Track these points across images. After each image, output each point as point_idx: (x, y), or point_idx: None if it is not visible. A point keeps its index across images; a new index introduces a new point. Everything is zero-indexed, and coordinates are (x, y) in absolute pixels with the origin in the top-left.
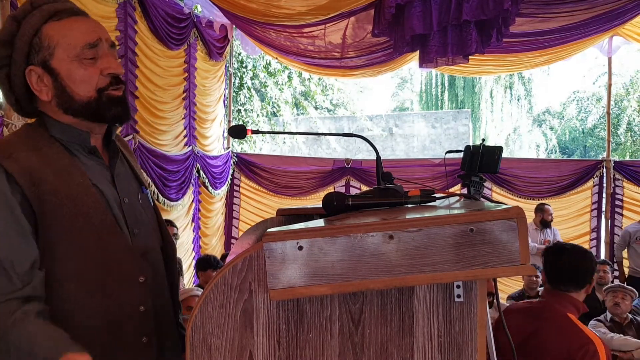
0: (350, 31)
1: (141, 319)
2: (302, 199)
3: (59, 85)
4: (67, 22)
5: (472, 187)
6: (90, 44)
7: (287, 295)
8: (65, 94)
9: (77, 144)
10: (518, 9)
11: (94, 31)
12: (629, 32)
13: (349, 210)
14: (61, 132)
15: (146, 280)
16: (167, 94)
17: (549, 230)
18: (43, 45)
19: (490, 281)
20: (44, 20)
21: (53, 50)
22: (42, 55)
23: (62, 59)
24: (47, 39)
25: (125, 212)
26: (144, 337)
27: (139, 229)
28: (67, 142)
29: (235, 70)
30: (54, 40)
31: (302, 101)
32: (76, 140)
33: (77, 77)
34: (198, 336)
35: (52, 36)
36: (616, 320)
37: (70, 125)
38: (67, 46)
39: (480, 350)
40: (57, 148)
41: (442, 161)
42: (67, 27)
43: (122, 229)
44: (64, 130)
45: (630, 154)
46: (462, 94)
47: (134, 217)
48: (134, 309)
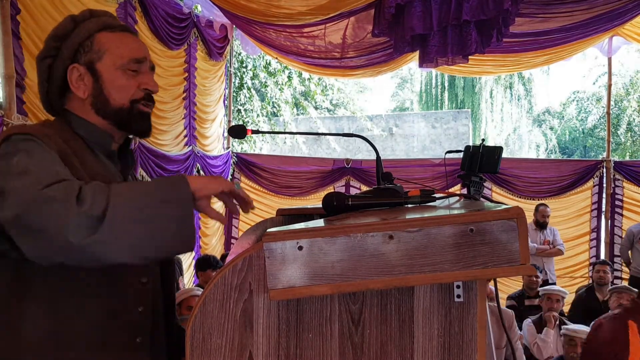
0: (350, 31)
1: (138, 320)
2: (302, 199)
3: (98, 87)
4: (120, 35)
5: (472, 187)
6: (136, 59)
7: (287, 295)
8: (102, 96)
9: (99, 144)
10: (518, 9)
11: (141, 49)
12: (629, 32)
13: (349, 210)
14: (86, 130)
15: (148, 280)
16: (167, 94)
17: (548, 230)
18: (93, 48)
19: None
20: (99, 28)
21: (102, 55)
22: (90, 56)
23: (108, 65)
24: (98, 44)
25: None
26: (138, 337)
27: None
28: (90, 141)
29: (236, 70)
30: (105, 46)
31: (302, 101)
32: (99, 140)
33: (117, 84)
34: (198, 336)
35: (104, 43)
36: None
37: (96, 126)
38: (116, 55)
39: (480, 350)
40: (82, 144)
41: (442, 161)
42: (119, 38)
43: None
44: (89, 129)
45: (630, 154)
46: (462, 94)
47: None
48: (133, 309)
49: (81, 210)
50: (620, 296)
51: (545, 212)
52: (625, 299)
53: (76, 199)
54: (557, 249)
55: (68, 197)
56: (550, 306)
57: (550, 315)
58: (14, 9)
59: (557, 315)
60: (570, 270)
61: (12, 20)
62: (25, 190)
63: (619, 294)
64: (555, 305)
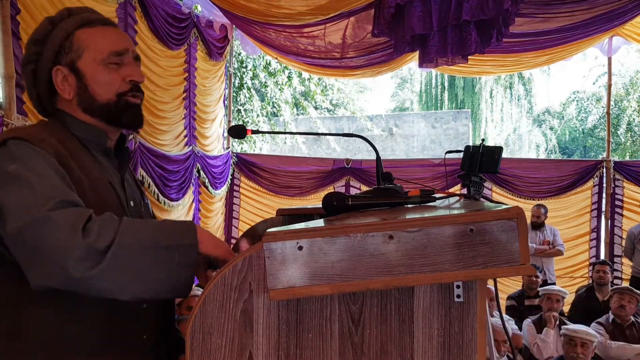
0: (350, 31)
1: (144, 317)
2: (302, 199)
3: (82, 85)
4: (98, 29)
5: (472, 187)
6: (116, 52)
7: (287, 295)
8: (87, 94)
9: (95, 142)
10: (518, 9)
11: (122, 41)
12: (629, 32)
13: (349, 210)
14: (81, 129)
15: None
16: (167, 94)
17: (547, 230)
18: (73, 47)
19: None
20: (78, 26)
21: (82, 52)
22: (71, 56)
23: (88, 62)
24: (77, 42)
25: (131, 214)
26: (144, 334)
27: None
28: (86, 140)
29: (235, 70)
30: (84, 43)
31: (302, 101)
32: (95, 139)
33: (101, 79)
34: (198, 336)
35: (83, 40)
36: (618, 321)
37: (90, 124)
38: (95, 50)
39: (480, 350)
40: (77, 144)
41: (442, 161)
42: (98, 33)
43: None
44: (83, 128)
45: (630, 154)
46: (462, 94)
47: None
48: (138, 306)
49: (85, 242)
50: (622, 297)
51: (536, 213)
52: (626, 300)
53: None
54: (556, 249)
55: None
56: (550, 306)
57: (550, 315)
58: (14, 9)
59: (557, 315)
60: (570, 270)
61: (12, 20)
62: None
63: (620, 294)
64: (555, 305)
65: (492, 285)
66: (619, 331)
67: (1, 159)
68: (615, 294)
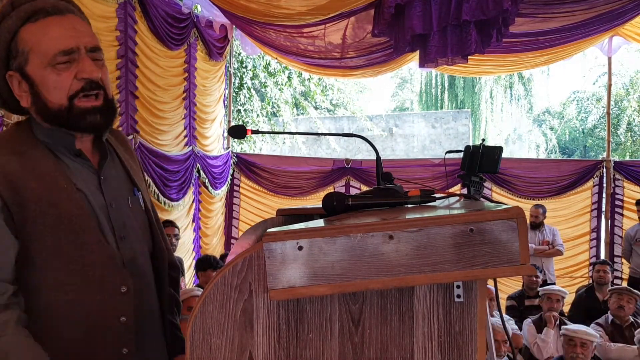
0: (350, 31)
1: (122, 330)
2: (302, 199)
3: (34, 92)
4: (42, 24)
5: (472, 187)
6: (63, 51)
7: (287, 295)
8: (40, 101)
9: (62, 147)
10: (518, 9)
11: (70, 37)
12: (629, 32)
13: (349, 210)
14: (46, 135)
15: (129, 290)
16: (167, 94)
17: (547, 230)
18: (19, 50)
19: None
20: (22, 22)
21: (27, 56)
22: (18, 61)
23: (35, 66)
24: (22, 43)
25: (112, 217)
26: (124, 348)
27: (127, 234)
28: (52, 145)
29: (235, 70)
30: (28, 45)
31: (302, 101)
32: (61, 143)
33: (49, 83)
34: (198, 336)
35: (27, 41)
36: (617, 322)
37: (55, 129)
38: (40, 53)
39: (480, 350)
40: (42, 151)
41: (442, 161)
42: (42, 31)
43: (107, 236)
44: (48, 133)
45: (630, 154)
46: (462, 94)
47: (121, 222)
48: (114, 320)
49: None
50: (621, 297)
51: (534, 213)
52: (625, 300)
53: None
54: (556, 249)
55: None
56: (550, 306)
57: (550, 315)
58: None
59: (557, 315)
60: (570, 270)
61: None
62: None
63: (619, 295)
64: (555, 305)
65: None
66: (618, 332)
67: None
68: (613, 294)
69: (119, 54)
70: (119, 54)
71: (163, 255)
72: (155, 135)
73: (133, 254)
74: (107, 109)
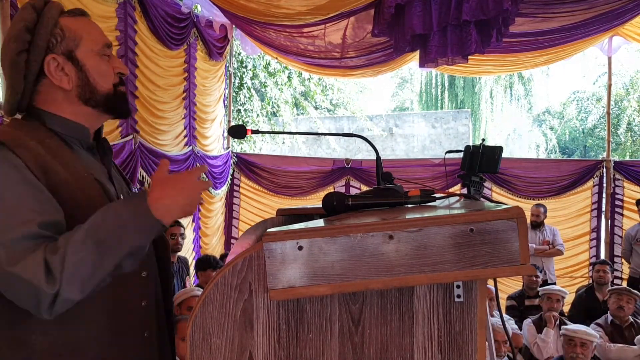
0: (350, 31)
1: (143, 314)
2: (302, 199)
3: (83, 76)
4: (83, 20)
5: (472, 187)
6: (106, 44)
7: (287, 295)
8: (89, 85)
9: (76, 138)
10: (518, 8)
11: (104, 34)
12: (629, 32)
13: (349, 210)
14: (62, 126)
15: (148, 275)
16: (167, 94)
17: (547, 230)
18: (66, 35)
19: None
20: (59, 14)
21: (79, 42)
22: (66, 45)
23: (87, 51)
24: (68, 30)
25: None
26: (145, 332)
27: None
28: (68, 137)
29: (235, 70)
30: (78, 33)
31: (302, 101)
32: (77, 134)
33: (101, 69)
34: (198, 336)
35: (74, 29)
36: (616, 322)
37: (71, 120)
38: (92, 41)
39: (480, 350)
40: (58, 141)
41: (442, 161)
42: (86, 24)
43: None
44: (65, 124)
45: (630, 154)
46: (462, 94)
47: None
48: (137, 304)
49: (50, 292)
50: (620, 298)
51: (535, 212)
52: (625, 301)
53: (45, 277)
54: (556, 249)
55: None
56: (550, 306)
57: (550, 315)
58: (14, 9)
59: (557, 315)
60: (570, 270)
61: (12, 20)
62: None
63: (618, 295)
64: (555, 305)
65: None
66: (618, 332)
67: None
68: (613, 294)
69: (119, 53)
70: (119, 53)
71: (166, 245)
72: (155, 135)
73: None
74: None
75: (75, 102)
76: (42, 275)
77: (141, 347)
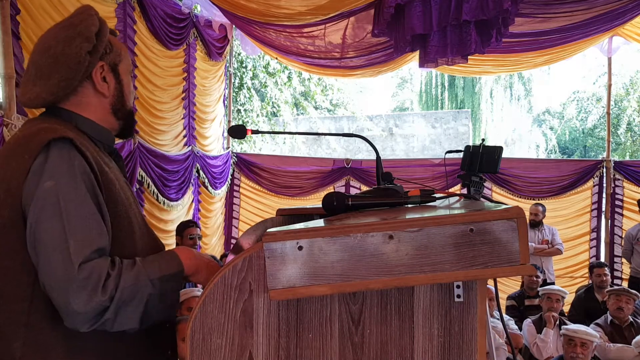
0: (350, 31)
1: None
2: (302, 199)
3: (120, 89)
4: (117, 40)
5: (472, 187)
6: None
7: (287, 295)
8: (122, 99)
9: (102, 142)
10: (518, 9)
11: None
12: (629, 32)
13: (349, 210)
14: (92, 128)
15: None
16: (166, 94)
17: (546, 229)
18: (114, 49)
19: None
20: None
21: (122, 58)
22: (113, 57)
23: (124, 69)
24: (115, 45)
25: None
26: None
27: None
28: (96, 140)
29: (235, 70)
30: (121, 50)
31: (302, 101)
32: (104, 139)
33: (131, 89)
34: (198, 336)
35: (118, 46)
36: (616, 323)
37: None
38: (127, 61)
39: (480, 350)
40: (90, 142)
41: (442, 161)
42: (122, 45)
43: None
44: (95, 127)
45: (630, 154)
46: (462, 94)
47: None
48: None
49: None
50: (619, 298)
51: (534, 211)
52: (624, 301)
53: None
54: (555, 248)
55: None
56: (550, 306)
57: (550, 315)
58: (14, 9)
59: (556, 315)
60: (570, 270)
61: (12, 20)
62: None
63: (617, 296)
64: (555, 305)
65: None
66: (618, 332)
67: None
68: (612, 295)
69: None
70: None
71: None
72: (154, 135)
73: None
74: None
75: (107, 110)
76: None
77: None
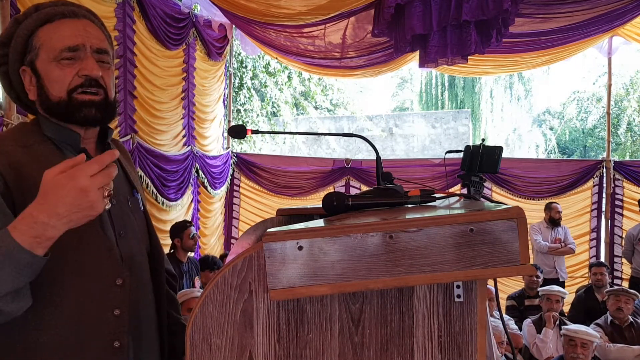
0: (350, 31)
1: (114, 323)
2: (302, 199)
3: (40, 85)
4: (56, 24)
5: (472, 187)
6: (69, 47)
7: (287, 295)
8: (43, 93)
9: (68, 144)
10: (518, 9)
11: (79, 35)
12: (629, 33)
13: (349, 210)
14: (53, 131)
15: (124, 283)
16: (165, 94)
17: (559, 228)
18: (33, 46)
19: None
20: (41, 23)
21: (38, 51)
22: (31, 56)
23: (43, 60)
24: (37, 41)
25: (112, 214)
26: (116, 341)
27: (126, 232)
28: (58, 142)
29: (235, 70)
30: (41, 41)
31: (302, 101)
32: (67, 140)
33: (53, 76)
34: (198, 336)
35: (40, 38)
36: (616, 323)
37: (62, 126)
38: (49, 48)
39: (480, 350)
40: (49, 146)
41: (442, 161)
42: (54, 29)
43: (107, 231)
44: (55, 129)
45: (630, 154)
46: (462, 94)
47: (121, 220)
48: (107, 312)
49: None
50: (618, 299)
51: (558, 209)
52: (623, 302)
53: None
54: (568, 247)
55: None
56: (550, 307)
57: (550, 316)
58: (14, 9)
59: (556, 315)
60: (571, 270)
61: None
62: None
63: (616, 296)
64: (555, 306)
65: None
66: (618, 332)
67: None
68: (611, 296)
69: (117, 54)
70: (117, 54)
71: (161, 256)
72: (154, 135)
73: (131, 252)
74: (105, 105)
75: (42, 110)
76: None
77: (110, 356)
